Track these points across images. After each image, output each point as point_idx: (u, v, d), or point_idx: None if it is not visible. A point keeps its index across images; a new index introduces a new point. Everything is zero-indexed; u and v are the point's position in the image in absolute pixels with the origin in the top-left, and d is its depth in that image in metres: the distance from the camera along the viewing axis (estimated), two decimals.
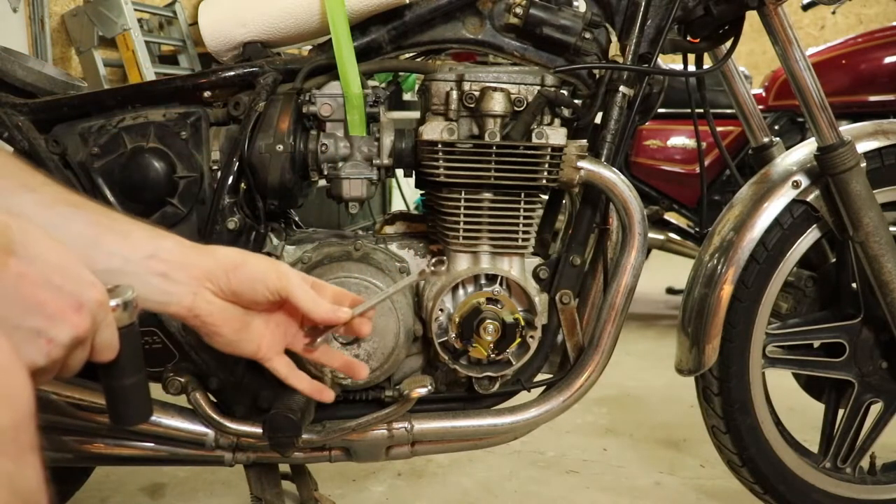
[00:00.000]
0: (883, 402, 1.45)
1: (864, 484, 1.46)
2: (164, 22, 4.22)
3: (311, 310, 0.85)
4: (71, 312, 0.58)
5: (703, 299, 1.35)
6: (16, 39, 3.48)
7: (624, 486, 1.77)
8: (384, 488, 1.74)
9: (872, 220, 1.31)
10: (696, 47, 1.34)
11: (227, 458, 1.25)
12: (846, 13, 5.76)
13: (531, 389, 1.28)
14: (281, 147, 1.14)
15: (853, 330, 1.41)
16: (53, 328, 0.57)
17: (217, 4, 1.24)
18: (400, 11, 1.22)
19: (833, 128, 1.32)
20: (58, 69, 1.35)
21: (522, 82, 1.16)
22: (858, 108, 2.87)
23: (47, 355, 0.57)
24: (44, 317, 0.57)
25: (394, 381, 1.24)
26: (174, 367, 1.20)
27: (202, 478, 1.76)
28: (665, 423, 2.14)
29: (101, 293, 0.62)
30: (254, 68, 1.20)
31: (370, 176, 1.19)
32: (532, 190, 1.18)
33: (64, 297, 0.58)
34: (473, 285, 1.20)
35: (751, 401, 1.39)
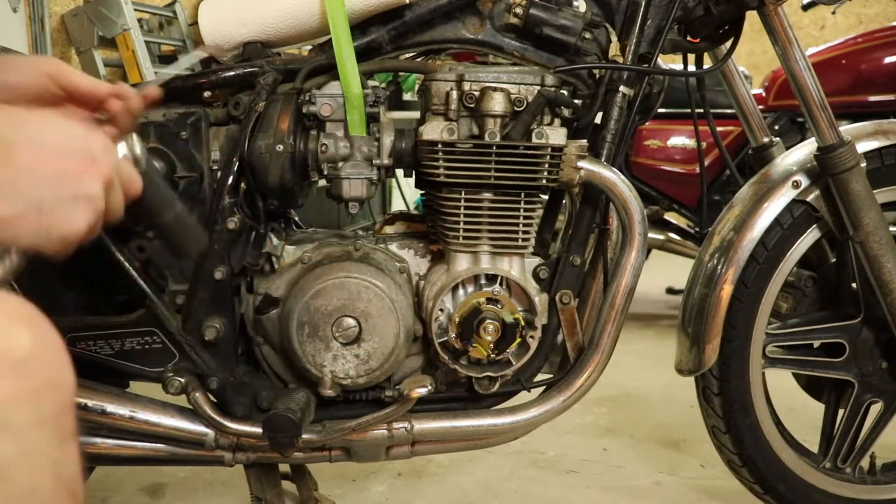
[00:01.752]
0: (883, 402, 1.45)
1: (864, 484, 1.46)
2: (164, 22, 4.21)
3: (93, 89, 0.83)
4: (90, 166, 0.63)
5: (703, 299, 1.35)
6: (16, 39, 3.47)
7: (624, 486, 1.77)
8: (384, 488, 1.74)
9: (872, 220, 1.31)
10: (696, 47, 1.34)
11: (227, 458, 1.25)
12: (846, 13, 5.75)
13: (531, 389, 1.28)
14: (281, 147, 1.14)
15: (853, 330, 1.41)
16: (85, 186, 0.62)
17: (217, 4, 1.24)
18: (400, 11, 1.22)
19: (833, 128, 1.32)
20: None
21: (522, 82, 1.16)
22: (858, 108, 2.86)
23: (93, 210, 0.63)
24: (72, 182, 0.61)
25: (394, 381, 1.24)
26: (174, 367, 1.20)
27: (202, 478, 1.76)
28: (665, 423, 2.14)
29: (102, 138, 0.66)
30: (254, 68, 1.20)
31: (370, 176, 1.19)
32: (532, 190, 1.18)
33: (77, 158, 0.62)
34: (473, 285, 1.20)
35: (751, 401, 1.39)
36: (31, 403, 0.51)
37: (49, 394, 0.53)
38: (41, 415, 0.52)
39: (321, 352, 1.17)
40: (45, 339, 0.54)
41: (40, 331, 0.53)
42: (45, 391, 0.52)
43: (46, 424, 0.52)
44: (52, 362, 0.54)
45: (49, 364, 0.53)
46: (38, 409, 0.52)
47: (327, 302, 1.16)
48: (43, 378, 0.53)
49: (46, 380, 0.53)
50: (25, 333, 0.52)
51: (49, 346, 0.54)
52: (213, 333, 1.18)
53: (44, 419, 0.52)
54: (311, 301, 1.16)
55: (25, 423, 0.51)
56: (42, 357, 0.53)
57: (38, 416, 0.52)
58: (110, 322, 1.20)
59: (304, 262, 1.22)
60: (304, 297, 1.16)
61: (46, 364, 0.53)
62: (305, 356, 1.17)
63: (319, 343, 1.17)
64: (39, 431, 0.52)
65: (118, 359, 1.20)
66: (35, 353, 0.52)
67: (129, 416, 1.20)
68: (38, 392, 0.52)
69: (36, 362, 0.52)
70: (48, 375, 0.53)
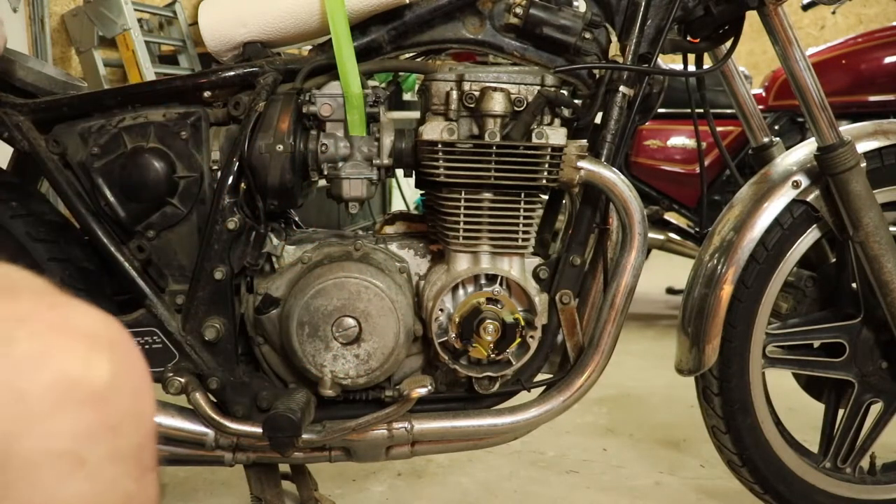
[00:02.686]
0: (883, 402, 1.45)
1: (864, 484, 1.46)
2: (164, 22, 4.22)
3: None
4: None
5: (703, 299, 1.35)
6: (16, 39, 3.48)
7: (624, 486, 1.77)
8: (384, 488, 1.74)
9: (872, 220, 1.31)
10: (696, 47, 1.34)
11: (227, 458, 1.25)
12: (846, 13, 5.75)
13: (531, 389, 1.28)
14: (281, 147, 1.14)
15: (853, 330, 1.41)
16: None
17: (217, 4, 1.24)
18: (400, 11, 1.22)
19: (833, 128, 1.32)
20: (58, 69, 1.35)
21: (522, 82, 1.16)
22: (858, 108, 2.87)
23: None
24: None
25: (394, 381, 1.24)
26: (174, 367, 1.20)
27: (202, 478, 1.76)
28: (665, 423, 2.14)
29: None
30: (254, 68, 1.20)
31: (370, 176, 1.19)
32: (532, 190, 1.18)
33: None
34: (473, 285, 1.20)
35: (751, 401, 1.39)
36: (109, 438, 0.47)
37: (129, 427, 0.49)
38: (119, 449, 0.48)
39: (321, 352, 1.17)
40: (127, 366, 0.49)
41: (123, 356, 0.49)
42: (124, 424, 0.48)
43: (125, 459, 0.48)
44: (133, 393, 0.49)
45: (130, 395, 0.49)
46: (116, 444, 0.48)
47: (327, 302, 1.16)
48: (123, 411, 0.48)
49: (126, 412, 0.49)
50: (106, 360, 0.48)
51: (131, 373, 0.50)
52: (213, 333, 1.18)
53: (121, 454, 0.48)
54: (311, 301, 1.16)
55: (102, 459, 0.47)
56: (123, 387, 0.48)
57: (116, 451, 0.48)
58: None
59: (304, 262, 1.22)
60: (304, 297, 1.16)
61: (127, 395, 0.49)
62: (305, 356, 1.17)
63: (319, 343, 1.17)
64: (116, 467, 0.48)
65: None
66: (115, 383, 0.48)
67: None
68: (117, 426, 0.48)
69: (116, 393, 0.48)
70: (128, 407, 0.49)
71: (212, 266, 1.17)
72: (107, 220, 1.20)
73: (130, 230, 1.20)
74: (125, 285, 1.21)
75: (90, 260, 1.25)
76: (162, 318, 1.19)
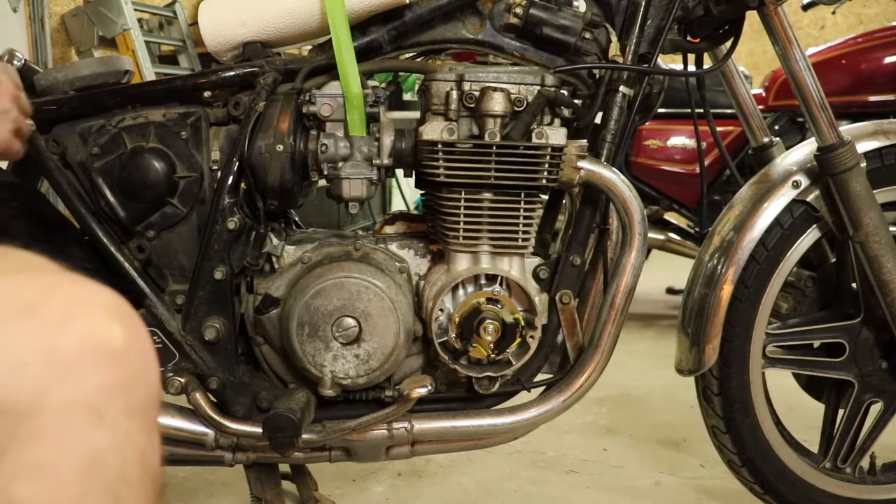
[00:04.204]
0: (883, 402, 1.45)
1: (864, 484, 1.46)
2: (164, 22, 4.21)
3: None
4: None
5: (703, 299, 1.35)
6: (16, 39, 3.48)
7: (624, 486, 1.77)
8: (384, 488, 1.74)
9: (872, 220, 1.31)
10: (696, 47, 1.34)
11: (227, 458, 1.25)
12: (846, 13, 5.75)
13: (531, 389, 1.28)
14: (281, 147, 1.14)
15: (853, 330, 1.41)
16: None
17: (217, 4, 1.24)
18: (400, 11, 1.22)
19: (833, 128, 1.32)
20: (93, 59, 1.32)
21: (522, 82, 1.16)
22: (858, 108, 2.87)
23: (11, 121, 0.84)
24: None
25: (394, 381, 1.24)
26: (174, 367, 1.20)
27: (202, 478, 1.76)
28: (665, 423, 2.14)
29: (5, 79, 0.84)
30: (254, 68, 1.20)
31: (370, 176, 1.19)
32: (532, 190, 1.18)
33: None
34: (473, 285, 1.20)
35: (751, 401, 1.39)
36: (124, 394, 0.53)
37: (139, 386, 0.55)
38: (132, 406, 0.54)
39: (321, 352, 1.17)
40: (137, 333, 0.56)
41: (133, 325, 0.55)
42: (136, 383, 0.54)
43: (136, 415, 0.54)
44: (142, 356, 0.56)
45: (140, 357, 0.55)
46: (129, 401, 0.53)
47: (327, 302, 1.16)
48: (135, 370, 0.54)
49: (137, 372, 0.55)
50: (119, 327, 0.54)
51: (140, 340, 0.56)
52: (213, 333, 1.18)
53: (134, 410, 0.54)
54: (311, 301, 1.16)
55: (118, 413, 0.53)
56: (134, 350, 0.55)
57: (130, 407, 0.53)
58: None
59: (304, 262, 1.22)
60: (304, 297, 1.16)
61: (138, 357, 0.55)
62: (305, 356, 1.17)
63: (319, 343, 1.17)
64: (130, 422, 0.53)
65: None
66: (128, 346, 0.54)
67: None
68: (130, 384, 0.54)
69: (129, 355, 0.54)
70: (139, 368, 0.55)
71: (212, 266, 1.17)
72: (107, 220, 1.20)
73: (130, 230, 1.20)
74: (125, 285, 1.21)
75: (90, 260, 1.25)
76: (162, 318, 1.19)
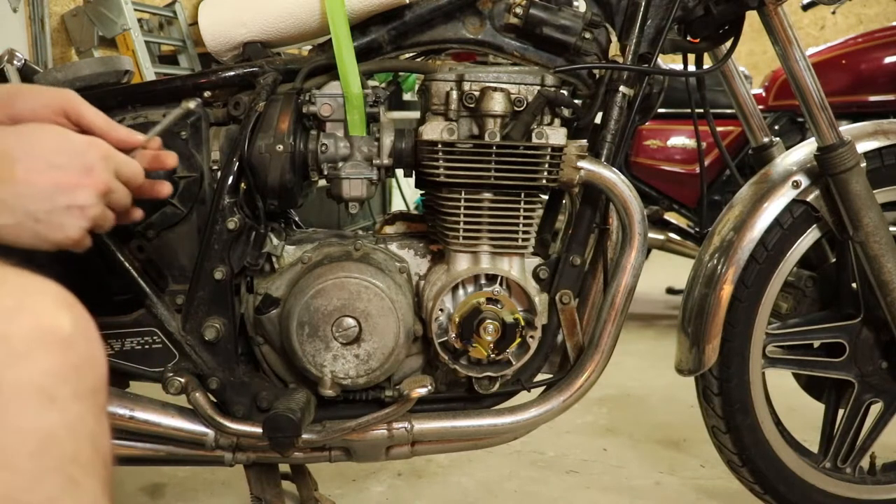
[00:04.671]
0: (883, 402, 1.45)
1: (864, 484, 1.46)
2: (164, 22, 4.22)
3: (107, 131, 0.85)
4: (84, 178, 0.71)
5: (703, 299, 1.35)
6: (16, 39, 3.48)
7: (624, 486, 1.77)
8: (384, 488, 1.74)
9: (872, 220, 1.31)
10: (696, 47, 1.34)
11: (227, 458, 1.25)
12: (846, 13, 5.75)
13: (531, 389, 1.28)
14: (281, 147, 1.14)
15: (853, 330, 1.41)
16: (78, 198, 0.71)
17: (217, 4, 1.24)
18: (400, 11, 1.22)
19: (833, 128, 1.32)
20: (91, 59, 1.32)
21: (522, 82, 1.16)
22: (858, 108, 2.87)
23: (88, 218, 0.73)
24: (65, 194, 0.70)
25: (394, 381, 1.24)
26: (174, 367, 1.20)
27: (202, 478, 1.76)
28: (665, 423, 2.14)
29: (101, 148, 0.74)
30: (254, 68, 1.20)
31: (370, 176, 1.19)
32: (532, 190, 1.18)
33: (73, 171, 0.70)
34: (473, 285, 1.20)
35: (751, 401, 1.39)
36: (73, 378, 0.56)
37: (88, 371, 0.57)
38: (81, 389, 0.56)
39: (321, 352, 1.17)
40: (83, 321, 0.58)
41: (79, 314, 0.58)
42: (84, 368, 0.57)
43: (86, 398, 0.57)
44: (89, 342, 0.58)
45: (87, 344, 0.58)
46: (78, 384, 0.56)
47: (327, 302, 1.16)
48: (83, 356, 0.57)
49: (86, 357, 0.57)
50: (67, 315, 0.57)
51: (87, 327, 0.59)
52: (213, 333, 1.18)
53: (83, 394, 0.56)
54: (311, 301, 1.16)
55: (69, 397, 0.55)
56: (81, 337, 0.57)
57: (79, 391, 0.56)
58: (110, 322, 1.20)
59: (304, 262, 1.22)
60: (304, 297, 1.16)
61: (85, 343, 0.58)
62: (305, 356, 1.17)
63: (319, 343, 1.17)
64: (80, 404, 0.56)
65: (118, 359, 1.20)
66: (76, 333, 0.57)
67: (129, 416, 1.20)
68: (79, 368, 0.56)
69: (77, 341, 0.57)
70: (87, 354, 0.58)
71: (212, 266, 1.17)
72: None
73: (130, 230, 1.20)
74: (125, 285, 1.21)
75: (90, 260, 1.25)
76: (162, 318, 1.19)
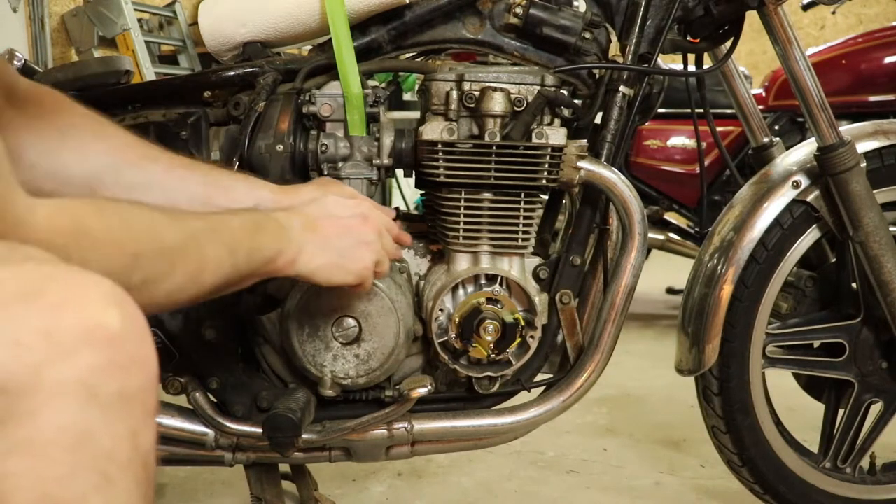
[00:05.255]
0: (883, 402, 1.44)
1: (864, 484, 1.46)
2: (164, 22, 4.22)
3: None
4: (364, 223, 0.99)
5: (703, 299, 1.35)
6: (16, 39, 3.48)
7: (624, 486, 1.77)
8: (384, 488, 1.74)
9: (872, 220, 1.31)
10: (696, 47, 1.34)
11: (227, 458, 1.25)
12: (846, 13, 5.76)
13: (531, 389, 1.28)
14: (281, 147, 1.14)
15: (853, 330, 1.40)
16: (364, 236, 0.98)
17: (217, 4, 1.24)
18: (400, 11, 1.22)
19: (833, 128, 1.32)
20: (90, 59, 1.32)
21: (522, 82, 1.16)
22: (858, 108, 2.87)
23: (374, 251, 0.99)
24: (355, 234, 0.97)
25: (394, 381, 1.24)
26: (174, 367, 1.20)
27: (202, 478, 1.76)
28: (665, 423, 2.14)
29: (369, 203, 1.03)
30: (254, 68, 1.20)
31: (370, 176, 1.19)
32: (532, 190, 1.18)
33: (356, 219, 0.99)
34: (473, 285, 1.20)
35: (751, 401, 1.39)
36: (120, 377, 0.55)
37: (135, 370, 0.56)
38: (127, 388, 0.55)
39: (321, 352, 1.17)
40: (134, 319, 0.58)
41: (130, 312, 0.57)
42: (131, 367, 0.56)
43: (131, 399, 0.56)
44: (139, 341, 0.57)
45: (137, 342, 0.57)
46: (124, 384, 0.55)
47: (327, 302, 1.16)
48: (131, 355, 0.56)
49: (134, 357, 0.56)
50: (117, 312, 0.56)
51: (137, 326, 0.58)
52: (213, 333, 1.18)
53: (129, 394, 0.56)
54: (311, 301, 1.16)
55: (112, 395, 0.54)
56: (131, 335, 0.56)
57: (125, 390, 0.55)
58: None
59: None
60: (304, 297, 1.16)
61: (135, 342, 0.57)
62: (305, 356, 1.17)
63: (319, 343, 1.17)
64: (124, 404, 0.55)
65: None
66: (125, 331, 0.56)
67: None
68: (127, 367, 0.56)
69: (125, 340, 0.56)
70: (136, 353, 0.57)
71: None
72: None
73: None
74: None
75: None
76: (162, 318, 1.19)
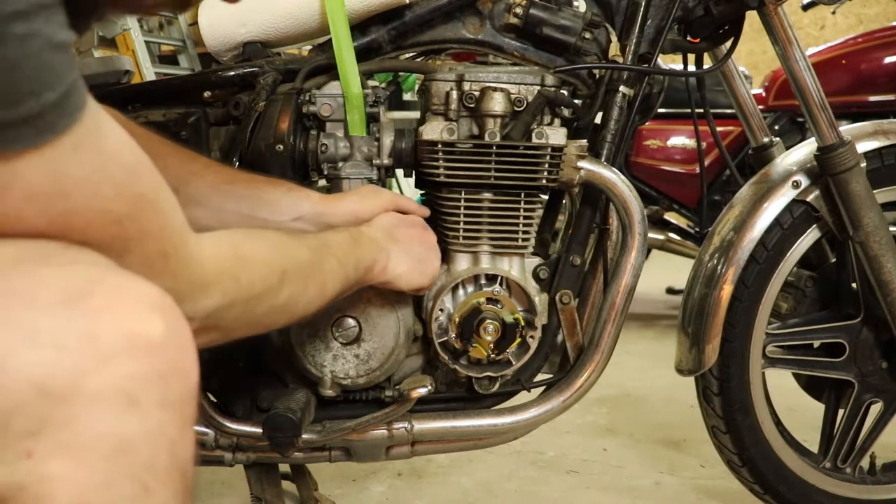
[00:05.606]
0: (883, 402, 1.45)
1: (864, 484, 1.46)
2: (164, 22, 4.21)
3: (418, 209, 1.18)
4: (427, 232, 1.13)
5: (703, 299, 1.35)
6: None
7: (624, 486, 1.77)
8: (384, 488, 1.74)
9: (872, 220, 1.31)
10: (696, 47, 1.34)
11: (227, 458, 1.24)
12: (846, 13, 5.76)
13: (531, 389, 1.28)
14: (281, 147, 1.14)
15: (853, 330, 1.41)
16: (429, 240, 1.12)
17: (217, 4, 1.24)
18: (400, 11, 1.22)
19: (833, 128, 1.32)
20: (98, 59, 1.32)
21: (522, 82, 1.16)
22: (858, 108, 2.87)
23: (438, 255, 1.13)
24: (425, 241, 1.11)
25: (394, 381, 1.24)
26: None
27: (202, 478, 1.76)
28: (665, 423, 2.14)
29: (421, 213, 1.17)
30: (254, 68, 1.20)
31: (370, 176, 1.19)
32: (532, 190, 1.18)
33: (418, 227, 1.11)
34: (473, 285, 1.20)
35: (751, 401, 1.39)
36: (160, 386, 0.54)
37: (175, 379, 0.56)
38: (167, 397, 0.55)
39: (321, 352, 1.17)
40: (177, 327, 0.57)
41: (173, 320, 0.57)
42: (173, 376, 0.55)
43: (171, 407, 0.55)
44: (181, 350, 0.57)
45: (179, 351, 0.56)
46: (165, 392, 0.55)
47: None
48: (172, 363, 0.56)
49: (175, 366, 0.56)
50: (160, 320, 0.55)
51: (180, 334, 0.57)
52: None
53: (169, 402, 0.55)
54: None
55: (153, 403, 0.54)
56: (173, 344, 0.56)
57: (165, 399, 0.55)
58: None
59: None
60: None
61: (177, 351, 0.56)
62: (305, 356, 1.17)
63: (319, 343, 1.17)
64: (164, 413, 0.55)
65: None
66: (167, 339, 0.55)
67: None
68: (167, 376, 0.55)
69: (167, 348, 0.55)
70: (176, 362, 0.56)
71: None
72: None
73: None
74: None
75: None
76: None
